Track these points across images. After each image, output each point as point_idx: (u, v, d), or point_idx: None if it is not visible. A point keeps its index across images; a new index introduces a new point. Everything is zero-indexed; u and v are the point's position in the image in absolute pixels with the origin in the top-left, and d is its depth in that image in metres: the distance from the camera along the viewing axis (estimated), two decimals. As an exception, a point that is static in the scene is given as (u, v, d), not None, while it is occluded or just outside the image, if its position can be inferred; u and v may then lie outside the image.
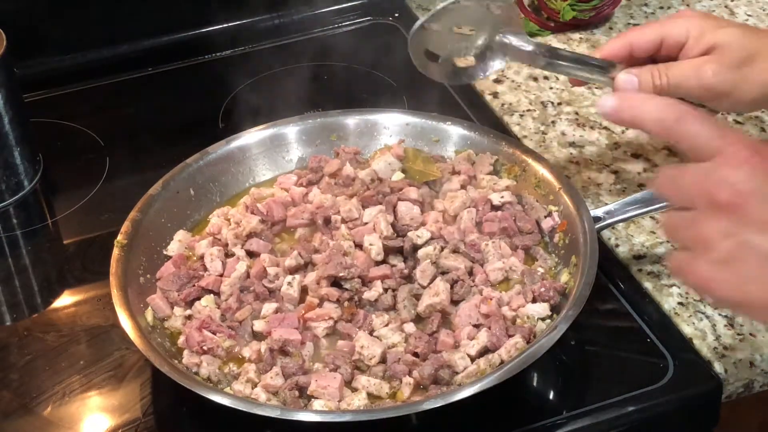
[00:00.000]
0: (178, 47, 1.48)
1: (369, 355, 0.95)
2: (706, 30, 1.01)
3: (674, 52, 1.03)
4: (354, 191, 1.12)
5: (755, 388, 0.99)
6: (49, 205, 1.26)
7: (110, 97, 1.41)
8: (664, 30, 1.03)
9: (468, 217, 1.08)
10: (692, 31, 1.02)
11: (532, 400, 0.97)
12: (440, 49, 1.10)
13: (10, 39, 1.20)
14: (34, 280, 1.16)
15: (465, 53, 1.11)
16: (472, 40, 1.10)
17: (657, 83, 1.00)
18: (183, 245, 1.09)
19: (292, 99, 1.33)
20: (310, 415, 0.90)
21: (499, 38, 1.09)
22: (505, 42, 1.09)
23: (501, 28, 1.09)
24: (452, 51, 1.11)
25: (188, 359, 0.96)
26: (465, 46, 1.11)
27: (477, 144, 1.17)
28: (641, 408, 0.95)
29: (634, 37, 1.05)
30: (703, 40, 1.01)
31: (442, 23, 1.09)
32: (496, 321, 0.96)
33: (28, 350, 1.04)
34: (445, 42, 1.10)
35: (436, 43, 1.10)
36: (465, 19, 1.09)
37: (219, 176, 1.16)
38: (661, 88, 1.00)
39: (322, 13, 1.54)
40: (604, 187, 1.17)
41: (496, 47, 1.10)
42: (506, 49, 1.10)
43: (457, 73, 1.12)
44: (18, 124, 1.21)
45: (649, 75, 1.01)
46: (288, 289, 1.01)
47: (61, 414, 0.98)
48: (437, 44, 1.10)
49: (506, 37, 1.09)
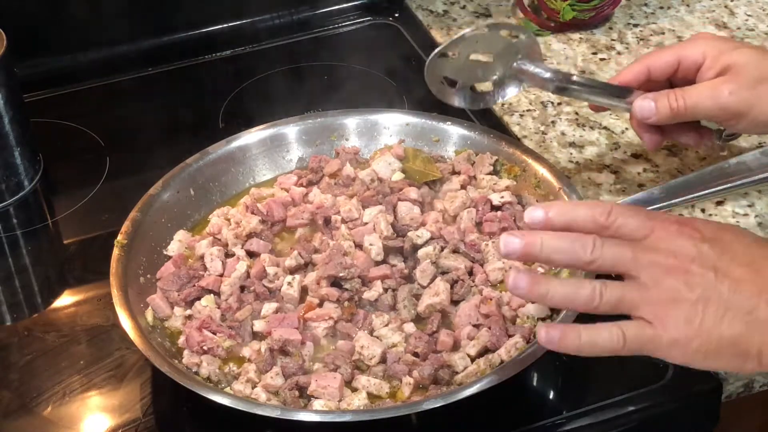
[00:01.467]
0: (178, 47, 1.48)
1: (369, 355, 0.95)
2: (723, 51, 1.03)
3: (691, 74, 1.05)
4: (354, 191, 1.12)
5: (755, 388, 0.99)
6: (49, 205, 1.26)
7: (110, 97, 1.41)
8: (681, 52, 1.05)
9: (468, 217, 1.08)
10: (708, 52, 1.03)
11: (532, 400, 0.97)
12: (457, 75, 1.11)
13: (10, 39, 1.20)
14: (35, 280, 1.16)
15: (482, 79, 1.12)
16: (490, 67, 1.12)
17: (674, 106, 1.02)
18: (183, 245, 1.09)
19: (292, 99, 1.33)
20: (310, 415, 0.90)
21: (516, 65, 1.11)
22: (522, 68, 1.11)
23: (520, 55, 1.10)
24: (469, 77, 1.12)
25: (188, 359, 0.96)
26: (482, 73, 1.12)
27: (477, 144, 1.17)
28: (641, 408, 0.95)
29: (651, 60, 1.07)
30: (719, 61, 1.02)
31: (460, 50, 1.10)
32: (495, 321, 0.96)
33: (28, 350, 1.04)
34: (461, 68, 1.11)
35: (452, 70, 1.11)
36: (483, 46, 1.10)
37: (219, 176, 1.16)
38: (678, 111, 1.02)
39: (322, 13, 1.54)
40: (604, 187, 1.17)
41: (513, 73, 1.12)
42: (523, 76, 1.11)
43: (474, 99, 1.14)
44: (18, 124, 1.21)
45: (665, 99, 1.02)
46: (288, 289, 1.01)
47: (61, 414, 0.98)
48: (454, 71, 1.11)
49: (524, 64, 1.10)
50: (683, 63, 1.05)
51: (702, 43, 1.05)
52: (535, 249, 0.81)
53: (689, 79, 1.05)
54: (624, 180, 1.18)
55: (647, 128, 1.07)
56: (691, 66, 1.05)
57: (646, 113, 1.04)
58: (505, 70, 1.12)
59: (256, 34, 1.50)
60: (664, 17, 1.46)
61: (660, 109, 1.03)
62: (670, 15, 1.46)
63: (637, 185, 1.17)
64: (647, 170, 1.19)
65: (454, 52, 1.10)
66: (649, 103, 1.03)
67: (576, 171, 1.20)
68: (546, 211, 0.82)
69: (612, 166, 1.20)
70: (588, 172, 1.20)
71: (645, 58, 1.07)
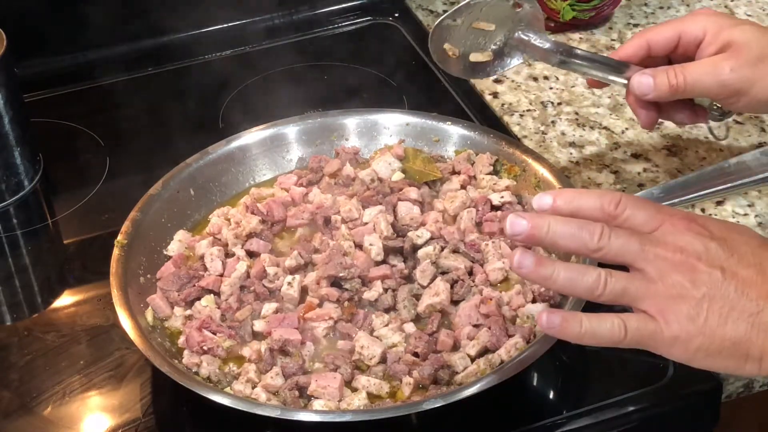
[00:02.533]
0: (178, 47, 1.48)
1: (369, 355, 0.95)
2: (723, 27, 1.01)
3: (691, 51, 1.03)
4: (354, 191, 1.12)
5: (755, 388, 0.99)
6: (49, 205, 1.26)
7: (110, 97, 1.41)
8: (681, 27, 1.03)
9: (468, 217, 1.08)
10: (709, 28, 1.01)
11: (532, 400, 0.97)
12: (459, 44, 1.11)
13: (10, 39, 1.20)
14: (35, 280, 1.16)
15: (483, 48, 1.12)
16: (491, 36, 1.12)
17: (673, 83, 1.00)
18: (183, 245, 1.09)
19: (292, 99, 1.33)
20: (310, 415, 0.90)
21: (518, 35, 1.10)
22: (523, 39, 1.11)
23: (522, 25, 1.10)
24: (471, 46, 1.12)
25: (188, 359, 0.96)
26: (483, 42, 1.12)
27: (477, 144, 1.17)
28: (641, 408, 0.95)
29: (651, 35, 1.04)
30: (720, 37, 1.00)
31: (464, 18, 1.10)
32: (495, 321, 0.96)
33: (28, 350, 1.04)
34: (464, 37, 1.11)
35: (455, 38, 1.11)
36: (487, 15, 1.11)
37: (219, 176, 1.16)
38: (677, 87, 1.00)
39: (322, 13, 1.54)
40: (604, 187, 1.17)
41: (514, 44, 1.12)
42: (524, 46, 1.11)
43: (475, 69, 1.13)
44: (18, 124, 1.21)
45: (664, 75, 1.00)
46: (288, 289, 1.01)
47: (61, 414, 0.98)
48: (456, 39, 1.11)
49: (526, 33, 1.10)
50: (683, 38, 1.03)
51: (702, 19, 1.03)
52: (542, 232, 0.80)
53: (689, 55, 1.03)
54: (624, 180, 1.18)
55: (643, 105, 1.04)
56: (691, 42, 1.02)
57: (645, 89, 1.01)
58: (507, 39, 1.11)
59: (256, 34, 1.50)
60: (664, 17, 1.46)
61: (659, 85, 1.00)
62: (670, 15, 1.46)
63: (637, 185, 1.17)
64: (647, 170, 1.19)
65: (458, 20, 1.10)
66: (648, 79, 1.01)
67: (576, 171, 1.20)
68: (554, 198, 0.82)
69: (612, 166, 1.20)
70: (588, 172, 1.20)
71: (644, 33, 1.05)
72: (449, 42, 1.11)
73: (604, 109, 1.30)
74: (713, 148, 1.22)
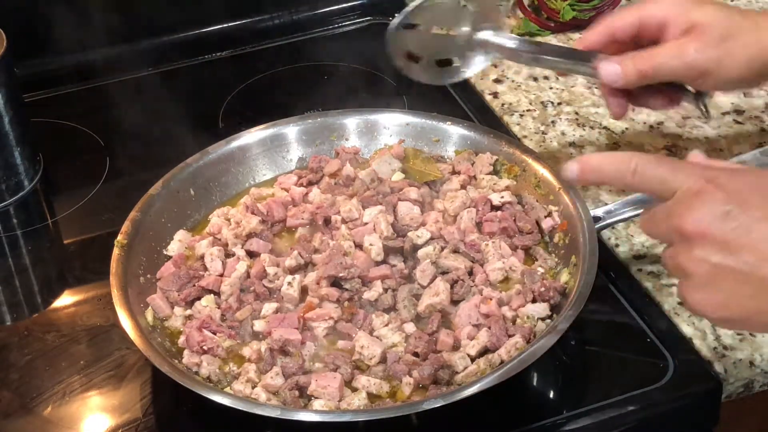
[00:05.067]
0: (178, 47, 1.48)
1: (369, 355, 0.95)
2: (687, 9, 1.00)
3: (656, 35, 1.02)
4: (354, 191, 1.12)
5: (755, 388, 0.99)
6: (49, 205, 1.26)
7: (110, 97, 1.40)
8: (643, 12, 1.02)
9: (468, 217, 1.08)
10: (671, 11, 1.01)
11: (532, 400, 0.97)
12: (421, 50, 1.10)
13: (10, 39, 1.20)
14: (35, 280, 1.16)
15: (446, 53, 1.10)
16: (453, 40, 1.09)
17: (640, 68, 0.99)
18: (183, 245, 1.09)
19: (292, 99, 1.33)
20: (310, 415, 0.90)
21: (478, 37, 1.08)
22: (486, 40, 1.08)
23: (479, 25, 1.08)
24: (433, 51, 1.10)
25: (188, 359, 0.96)
26: (445, 46, 1.10)
27: (477, 144, 1.17)
28: (641, 408, 0.95)
29: (613, 22, 1.04)
30: (683, 19, 1.00)
31: (421, 23, 1.08)
32: (496, 321, 0.96)
33: (28, 350, 1.04)
34: (425, 43, 1.09)
35: (416, 45, 1.09)
36: (442, 17, 1.08)
37: (219, 176, 1.16)
38: (645, 73, 1.00)
39: (322, 13, 1.54)
40: (604, 187, 1.17)
41: (476, 45, 1.09)
42: (487, 47, 1.09)
43: (441, 74, 1.12)
44: (18, 124, 1.21)
45: (630, 61, 1.00)
46: (288, 289, 1.01)
47: (61, 414, 0.98)
48: (418, 45, 1.09)
49: (487, 35, 1.08)
50: (647, 22, 1.02)
51: (665, 2, 1.02)
52: None
53: (655, 39, 1.02)
54: (624, 180, 1.18)
55: (614, 93, 1.04)
56: (654, 27, 1.01)
57: (612, 77, 1.01)
58: (469, 41, 1.09)
59: (256, 34, 1.50)
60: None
61: (626, 71, 1.00)
62: (670, 15, 1.46)
63: (637, 185, 1.17)
64: (647, 170, 1.19)
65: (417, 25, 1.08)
66: (614, 67, 1.00)
67: (576, 171, 1.20)
68: None
69: (612, 166, 1.20)
70: (588, 172, 1.20)
71: (606, 21, 1.04)
72: (411, 48, 1.09)
73: (604, 109, 1.29)
74: (713, 148, 1.22)
